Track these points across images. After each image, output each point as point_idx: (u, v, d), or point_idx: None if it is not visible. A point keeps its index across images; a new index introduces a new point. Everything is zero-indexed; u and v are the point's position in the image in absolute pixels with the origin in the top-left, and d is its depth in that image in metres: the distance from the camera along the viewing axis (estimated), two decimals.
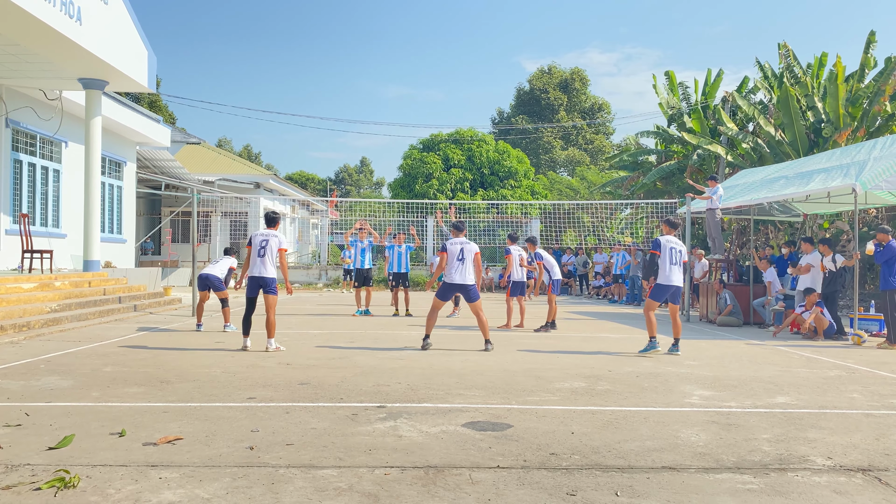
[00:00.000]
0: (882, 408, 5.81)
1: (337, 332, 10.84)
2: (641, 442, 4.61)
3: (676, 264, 8.92)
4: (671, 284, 8.88)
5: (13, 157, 14.76)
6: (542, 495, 3.58)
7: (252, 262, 8.71)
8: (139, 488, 3.58)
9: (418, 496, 3.54)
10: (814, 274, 11.56)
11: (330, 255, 29.04)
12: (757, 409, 5.70)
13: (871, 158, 11.48)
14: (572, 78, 52.84)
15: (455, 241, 9.07)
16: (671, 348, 8.97)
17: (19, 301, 10.84)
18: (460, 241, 9.08)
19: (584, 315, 15.33)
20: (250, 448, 4.31)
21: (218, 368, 7.27)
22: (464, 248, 8.95)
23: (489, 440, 4.60)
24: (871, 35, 19.68)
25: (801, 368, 7.92)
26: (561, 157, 50.22)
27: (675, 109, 25.29)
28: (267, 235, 8.79)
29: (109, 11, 13.14)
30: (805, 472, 4.02)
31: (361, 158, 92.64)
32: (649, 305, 8.98)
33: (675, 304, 9.06)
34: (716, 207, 13.87)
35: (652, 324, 8.87)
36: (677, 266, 8.93)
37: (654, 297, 8.96)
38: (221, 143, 70.56)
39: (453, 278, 8.91)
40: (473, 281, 8.96)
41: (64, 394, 5.90)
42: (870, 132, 18.91)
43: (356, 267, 14.36)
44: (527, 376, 7.04)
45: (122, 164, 19.55)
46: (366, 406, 5.55)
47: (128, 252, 19.78)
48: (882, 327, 11.57)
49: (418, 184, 31.79)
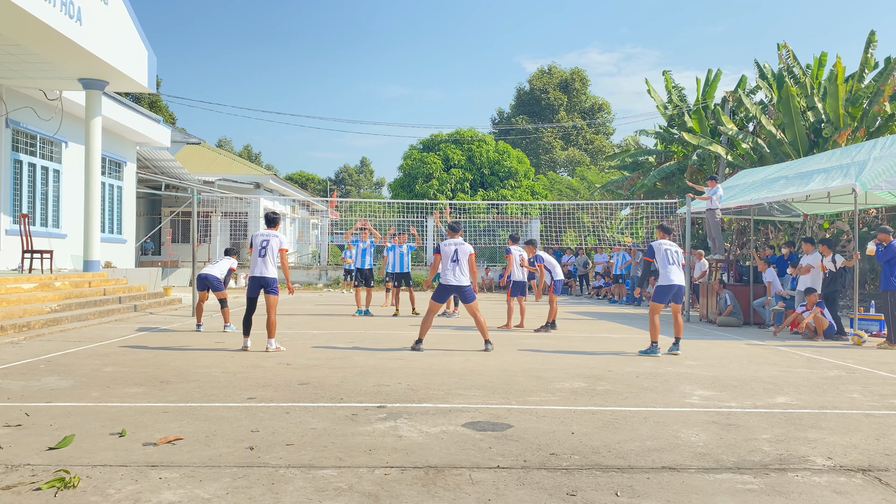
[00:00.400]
0: (882, 408, 5.81)
1: (337, 333, 10.84)
2: (641, 442, 4.61)
3: (675, 264, 8.92)
4: (673, 284, 8.86)
5: (13, 158, 14.76)
6: (542, 495, 3.58)
7: (253, 262, 8.71)
8: (139, 488, 3.58)
9: (418, 496, 3.54)
10: (814, 274, 11.56)
11: (330, 256, 29.04)
12: (757, 409, 5.70)
13: (871, 158, 11.48)
14: (572, 78, 52.84)
15: (450, 242, 9.06)
16: (672, 347, 8.96)
17: (19, 301, 10.84)
18: (455, 241, 9.07)
19: (584, 315, 15.33)
20: (250, 448, 4.31)
21: (218, 368, 7.27)
22: (458, 250, 8.94)
23: (489, 440, 4.60)
24: (871, 35, 19.69)
25: (801, 368, 7.92)
26: (561, 158, 50.23)
27: (674, 111, 25.28)
28: (267, 236, 8.79)
29: (109, 11, 13.15)
30: (805, 473, 4.02)
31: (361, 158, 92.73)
32: (654, 308, 8.93)
33: (678, 304, 9.08)
34: (716, 207, 13.87)
35: (655, 327, 8.83)
36: (676, 266, 8.93)
37: (658, 299, 8.93)
38: (221, 144, 70.58)
39: (448, 279, 8.92)
40: (469, 282, 8.96)
41: (64, 394, 5.90)
42: (870, 132, 18.91)
43: (357, 267, 14.38)
44: (527, 376, 7.04)
45: (122, 165, 19.55)
46: (366, 406, 5.55)
47: (128, 252, 19.78)
48: (882, 327, 11.57)
49: (418, 184, 31.80)
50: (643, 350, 8.89)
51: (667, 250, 8.94)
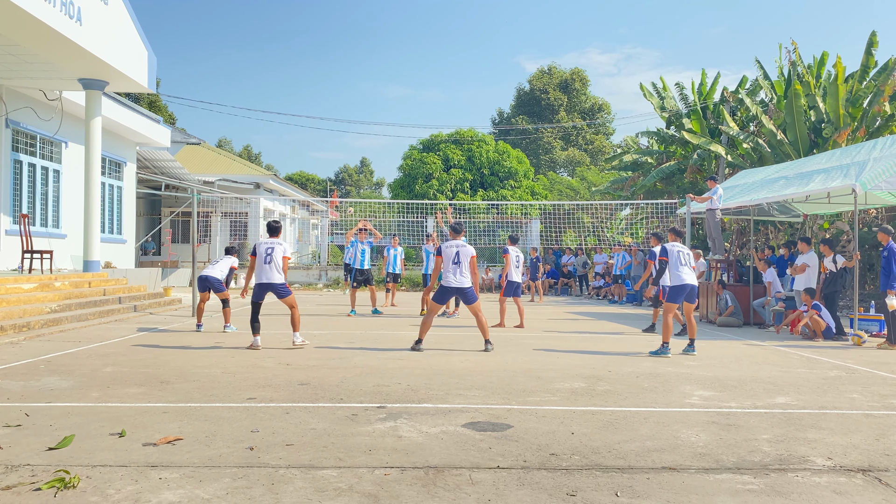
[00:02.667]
0: (882, 408, 5.81)
1: (337, 333, 10.84)
2: (641, 442, 4.61)
3: (686, 265, 9.17)
4: (686, 284, 9.07)
5: (13, 158, 14.76)
6: (542, 496, 3.58)
7: (259, 269, 9.06)
8: (139, 488, 3.58)
9: (418, 496, 3.54)
10: (809, 273, 11.55)
11: (330, 256, 29.03)
12: (757, 409, 5.70)
13: (871, 159, 11.47)
14: (572, 78, 52.84)
15: (451, 244, 9.09)
16: (686, 348, 9.05)
17: (19, 301, 10.84)
18: (456, 243, 9.10)
19: (584, 315, 15.32)
20: (250, 448, 4.31)
21: (218, 369, 7.27)
22: (459, 252, 8.98)
23: (489, 440, 4.60)
24: (872, 35, 19.68)
25: (800, 369, 7.92)
26: (561, 158, 50.23)
27: (672, 112, 25.28)
28: (272, 244, 9.12)
29: (109, 11, 13.14)
30: (805, 473, 4.02)
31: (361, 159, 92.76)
32: (668, 308, 9.08)
33: (691, 304, 9.30)
34: (716, 208, 13.87)
35: (668, 328, 8.95)
36: (687, 267, 9.17)
37: (672, 299, 9.10)
38: (221, 144, 70.57)
39: (449, 281, 8.98)
40: (470, 283, 9.00)
41: (64, 394, 5.90)
42: (870, 132, 18.91)
43: (355, 267, 14.44)
44: (527, 376, 7.04)
45: (122, 165, 19.55)
46: (366, 406, 5.55)
47: (128, 252, 19.77)
48: (882, 327, 11.56)
49: (418, 184, 31.79)
50: (654, 351, 8.91)
51: (679, 252, 9.23)
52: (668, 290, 9.24)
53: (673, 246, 9.30)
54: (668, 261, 9.31)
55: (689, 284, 9.06)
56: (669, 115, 25.23)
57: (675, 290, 9.10)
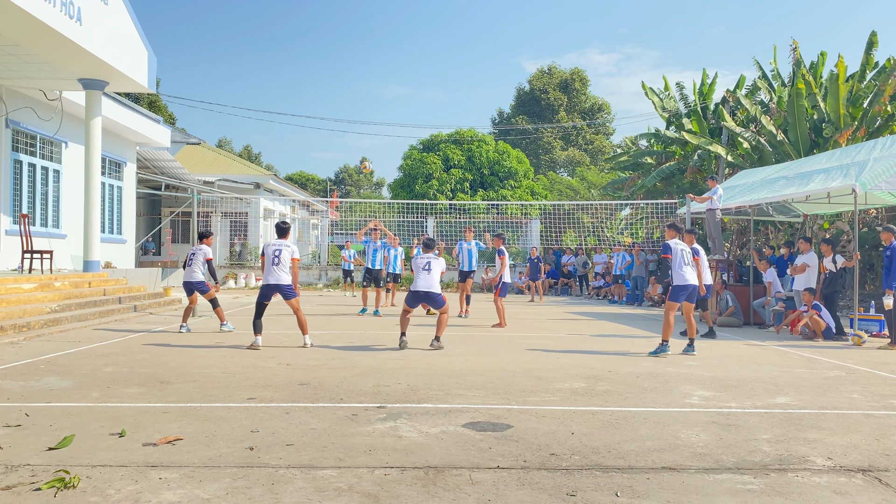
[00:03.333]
0: (882, 408, 5.81)
1: (337, 333, 10.84)
2: (641, 442, 4.60)
3: (689, 264, 9.16)
4: (688, 283, 9.06)
5: (13, 158, 14.76)
6: (542, 496, 3.58)
7: (267, 270, 9.10)
8: (139, 488, 3.58)
9: (418, 496, 3.54)
10: (809, 273, 11.55)
11: (330, 256, 29.03)
12: (757, 409, 5.70)
13: (871, 159, 11.47)
14: (572, 78, 52.81)
15: (423, 257, 9.41)
16: (686, 348, 9.04)
17: (19, 301, 10.84)
18: (427, 256, 9.41)
19: (584, 315, 15.32)
20: (250, 448, 4.31)
21: (218, 368, 7.27)
22: (430, 262, 9.28)
23: (489, 440, 4.60)
24: (872, 35, 19.68)
25: (800, 369, 7.92)
26: (561, 158, 50.20)
27: (672, 112, 25.27)
28: (279, 245, 9.13)
29: (109, 11, 13.15)
30: (805, 473, 4.02)
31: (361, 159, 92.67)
32: (670, 307, 9.08)
33: (691, 304, 9.28)
34: (716, 208, 13.87)
35: (669, 326, 8.95)
36: (689, 266, 9.16)
37: (674, 298, 9.09)
38: (221, 144, 70.53)
39: (418, 286, 9.22)
40: (439, 290, 9.27)
41: (64, 394, 5.90)
42: (870, 132, 18.90)
43: (367, 266, 14.63)
44: (527, 376, 7.04)
45: (122, 165, 19.55)
46: (366, 406, 5.55)
47: (128, 252, 19.77)
48: (882, 327, 11.56)
49: (418, 184, 31.77)
50: (653, 350, 8.90)
51: (682, 250, 9.19)
52: (671, 289, 9.20)
53: (676, 244, 9.23)
54: (671, 257, 9.22)
55: (691, 284, 9.06)
56: (669, 115, 25.23)
57: (677, 289, 9.08)
